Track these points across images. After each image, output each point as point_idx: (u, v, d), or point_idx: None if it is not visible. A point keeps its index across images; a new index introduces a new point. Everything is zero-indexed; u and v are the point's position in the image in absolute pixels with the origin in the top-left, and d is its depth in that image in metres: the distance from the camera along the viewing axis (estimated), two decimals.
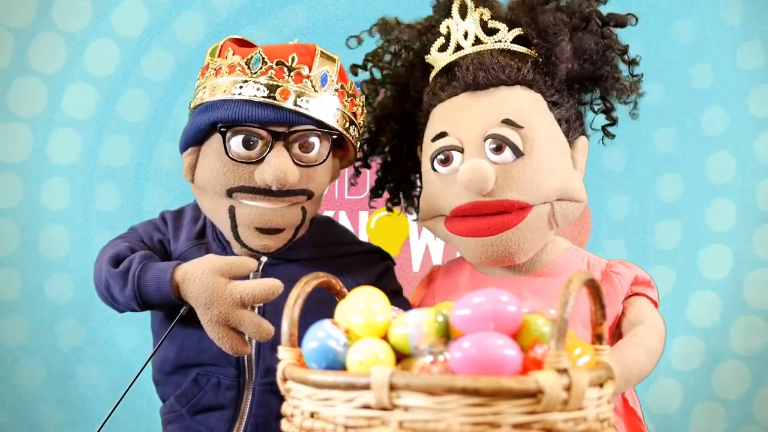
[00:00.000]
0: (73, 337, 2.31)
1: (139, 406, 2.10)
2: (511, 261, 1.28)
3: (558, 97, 1.30)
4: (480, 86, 1.28)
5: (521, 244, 1.26)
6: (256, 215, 1.22)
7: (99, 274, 1.24)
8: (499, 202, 1.23)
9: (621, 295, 1.28)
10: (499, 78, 1.28)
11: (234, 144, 1.21)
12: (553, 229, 1.29)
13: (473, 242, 1.27)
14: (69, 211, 2.35)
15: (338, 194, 2.42)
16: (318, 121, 1.22)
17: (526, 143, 1.24)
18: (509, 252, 1.26)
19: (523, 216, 1.24)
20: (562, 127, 1.31)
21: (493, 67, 1.28)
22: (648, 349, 1.21)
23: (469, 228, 1.26)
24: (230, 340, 1.15)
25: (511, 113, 1.25)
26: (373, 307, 0.89)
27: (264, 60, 1.21)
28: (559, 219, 1.27)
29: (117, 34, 2.36)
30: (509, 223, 1.24)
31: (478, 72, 1.28)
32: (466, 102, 1.29)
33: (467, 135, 1.27)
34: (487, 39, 1.30)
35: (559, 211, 1.26)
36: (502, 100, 1.27)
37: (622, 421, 1.28)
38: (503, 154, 1.24)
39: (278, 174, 1.18)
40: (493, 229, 1.24)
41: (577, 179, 1.30)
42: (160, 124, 2.37)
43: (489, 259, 1.28)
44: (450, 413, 0.76)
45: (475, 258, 1.31)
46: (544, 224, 1.27)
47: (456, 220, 1.28)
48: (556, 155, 1.28)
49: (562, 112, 1.31)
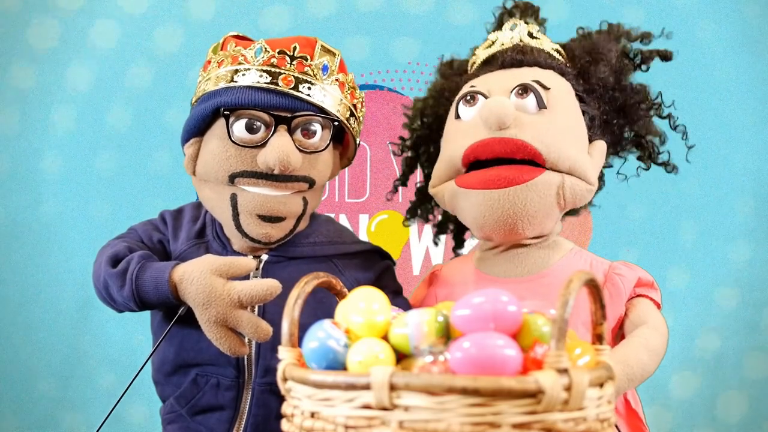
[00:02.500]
0: (74, 337, 2.31)
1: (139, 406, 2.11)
2: (515, 227, 1.26)
3: (586, 96, 1.35)
4: (516, 64, 1.33)
5: (527, 205, 1.23)
6: (258, 202, 1.23)
7: (97, 274, 1.24)
8: (513, 141, 1.23)
9: (624, 297, 1.28)
10: (535, 60, 1.33)
11: (237, 128, 1.21)
12: (561, 207, 1.28)
13: (481, 196, 1.25)
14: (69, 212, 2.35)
15: (338, 197, 2.42)
16: (320, 108, 1.23)
17: (551, 100, 1.28)
18: (514, 212, 1.23)
19: (534, 175, 1.23)
20: (586, 121, 1.33)
21: (531, 51, 1.34)
22: (651, 349, 1.20)
23: (479, 179, 1.25)
24: (228, 341, 1.15)
25: (542, 78, 1.30)
26: (373, 307, 0.89)
27: (266, 49, 1.22)
28: (568, 194, 1.26)
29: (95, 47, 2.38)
30: (519, 179, 1.23)
31: (515, 53, 1.34)
32: (499, 73, 1.34)
33: (496, 87, 1.30)
34: (529, 41, 1.37)
35: (569, 185, 1.25)
36: (535, 71, 1.32)
37: (624, 422, 1.28)
38: (527, 100, 1.27)
39: (281, 156, 1.18)
40: (503, 181, 1.23)
41: (591, 164, 1.30)
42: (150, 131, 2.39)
43: (493, 217, 1.25)
44: (450, 413, 0.75)
45: (480, 218, 1.27)
46: (552, 194, 1.25)
47: (466, 175, 1.28)
48: (575, 130, 1.30)
49: (588, 108, 1.34)
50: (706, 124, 2.35)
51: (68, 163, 2.36)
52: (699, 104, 2.34)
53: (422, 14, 2.42)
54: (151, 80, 2.39)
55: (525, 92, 1.27)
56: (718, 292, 2.36)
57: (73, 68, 2.37)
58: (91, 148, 2.37)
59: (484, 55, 1.39)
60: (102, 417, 1.16)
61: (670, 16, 2.35)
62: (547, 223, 1.29)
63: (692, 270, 2.38)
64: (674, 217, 2.39)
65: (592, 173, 1.29)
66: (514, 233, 1.27)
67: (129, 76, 2.38)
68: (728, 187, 2.38)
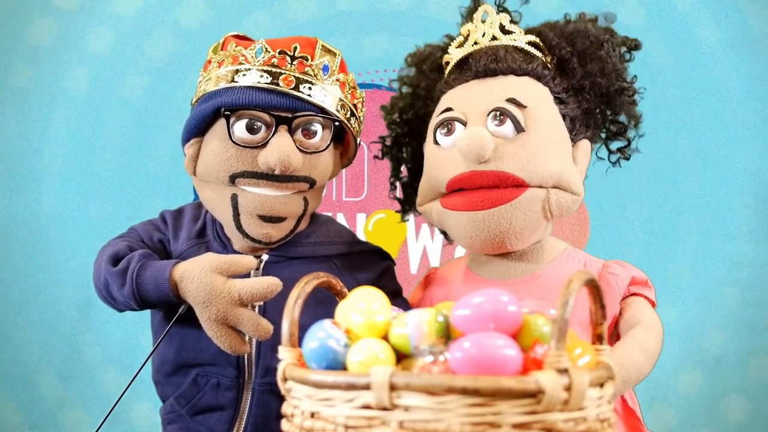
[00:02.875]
0: (74, 337, 2.31)
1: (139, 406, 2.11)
2: (503, 245, 1.27)
3: (565, 95, 1.33)
4: (489, 73, 1.32)
5: (513, 223, 1.24)
6: (259, 202, 1.23)
7: (98, 273, 1.24)
8: (495, 173, 1.23)
9: (618, 296, 1.28)
10: (509, 67, 1.31)
11: (237, 129, 1.21)
12: (548, 219, 1.28)
13: (466, 217, 1.26)
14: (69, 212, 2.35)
15: (336, 196, 2.42)
16: (320, 108, 1.23)
17: (528, 121, 1.26)
18: (501, 231, 1.24)
19: (517, 194, 1.24)
20: (567, 124, 1.32)
21: (505, 57, 1.31)
22: (646, 350, 1.20)
23: (463, 202, 1.26)
24: (229, 339, 1.15)
25: (517, 94, 1.28)
26: (373, 307, 0.89)
27: (266, 49, 1.22)
28: (554, 207, 1.26)
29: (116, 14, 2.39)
30: (503, 198, 1.23)
31: (489, 61, 1.32)
32: (474, 86, 1.33)
33: (472, 110, 1.29)
34: (502, 37, 1.34)
35: (554, 199, 1.26)
36: (509, 83, 1.30)
37: (622, 422, 1.28)
38: (504, 127, 1.26)
39: (282, 156, 1.18)
40: (486, 202, 1.24)
41: (575, 172, 1.29)
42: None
43: (480, 237, 1.26)
44: (450, 413, 0.76)
45: (467, 238, 1.28)
46: (538, 209, 1.25)
47: (451, 196, 1.28)
48: (556, 142, 1.29)
49: (567, 110, 1.32)
50: (706, 124, 2.35)
51: (68, 163, 2.36)
52: (699, 104, 2.34)
53: (422, 13, 2.43)
54: (151, 80, 2.39)
55: (501, 121, 1.26)
56: (718, 291, 2.36)
57: (72, 68, 2.38)
58: (91, 148, 2.37)
59: (458, 55, 1.37)
60: (103, 416, 1.16)
61: (670, 16, 2.35)
62: (536, 235, 1.30)
63: (692, 270, 2.38)
64: (674, 217, 2.39)
65: (576, 183, 1.28)
66: (504, 248, 1.29)
67: (128, 76, 2.39)
68: (728, 187, 2.38)
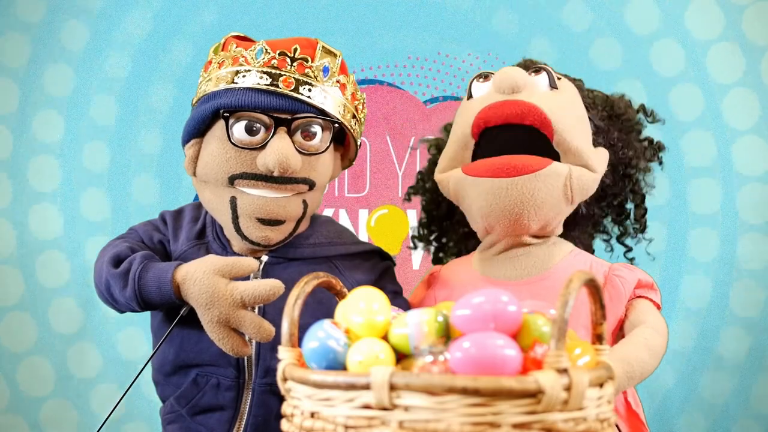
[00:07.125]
0: (74, 337, 2.31)
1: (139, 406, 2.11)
2: (520, 218, 1.25)
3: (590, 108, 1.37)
4: (523, 67, 1.34)
5: (534, 195, 1.23)
6: (258, 205, 1.23)
7: (99, 274, 1.24)
8: (525, 103, 1.24)
9: (624, 299, 1.27)
10: (543, 68, 1.33)
11: (237, 130, 1.21)
12: (568, 199, 1.27)
13: (489, 184, 1.24)
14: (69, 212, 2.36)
15: (338, 192, 2.42)
16: (320, 110, 1.23)
17: (561, 86, 1.32)
18: (522, 200, 1.23)
19: (543, 165, 1.23)
20: (591, 127, 1.34)
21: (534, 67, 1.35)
22: (651, 348, 1.20)
23: (487, 168, 1.25)
24: (231, 341, 1.15)
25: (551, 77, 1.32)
26: (373, 307, 0.89)
27: (267, 50, 1.22)
28: (575, 184, 1.25)
29: None
30: (528, 167, 1.23)
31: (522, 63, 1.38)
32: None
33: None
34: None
35: (576, 176, 1.25)
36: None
37: (625, 424, 1.27)
38: (539, 77, 1.31)
39: (280, 158, 1.18)
40: (512, 169, 1.23)
41: (594, 153, 1.30)
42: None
43: (500, 206, 1.25)
44: (450, 413, 0.76)
45: (486, 207, 1.26)
46: (560, 186, 1.25)
47: (474, 164, 1.28)
48: (582, 119, 1.32)
49: (593, 116, 1.35)
50: (706, 124, 2.35)
51: (68, 163, 2.36)
52: (699, 104, 2.34)
53: (422, 9, 2.43)
54: (152, 80, 2.39)
55: (538, 72, 1.31)
56: (718, 290, 2.36)
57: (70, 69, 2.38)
58: (90, 149, 2.37)
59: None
60: (103, 417, 1.16)
61: (670, 16, 2.34)
62: (552, 217, 1.28)
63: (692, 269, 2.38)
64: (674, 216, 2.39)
65: (596, 161, 1.29)
66: (519, 224, 1.27)
67: (129, 76, 2.38)
68: (728, 187, 2.37)
